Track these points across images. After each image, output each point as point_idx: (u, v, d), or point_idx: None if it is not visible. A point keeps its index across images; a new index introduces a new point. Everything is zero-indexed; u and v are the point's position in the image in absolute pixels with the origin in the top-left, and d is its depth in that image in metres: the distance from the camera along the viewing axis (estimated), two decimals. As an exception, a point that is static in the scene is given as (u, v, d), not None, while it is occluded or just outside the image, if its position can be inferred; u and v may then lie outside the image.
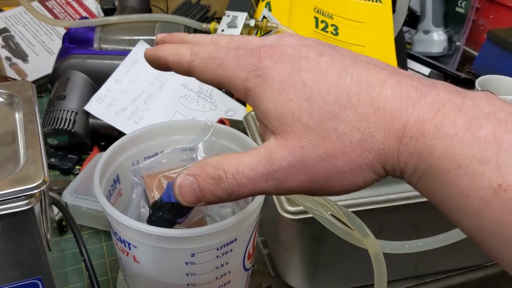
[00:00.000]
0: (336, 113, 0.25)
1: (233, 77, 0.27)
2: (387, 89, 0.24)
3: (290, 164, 0.25)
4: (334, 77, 0.25)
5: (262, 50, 0.27)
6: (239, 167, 0.26)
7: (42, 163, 0.37)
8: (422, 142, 0.23)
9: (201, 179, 0.27)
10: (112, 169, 0.48)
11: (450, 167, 0.22)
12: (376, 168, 0.25)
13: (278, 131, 0.26)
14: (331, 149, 0.25)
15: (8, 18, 0.94)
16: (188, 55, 0.29)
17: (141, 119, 0.70)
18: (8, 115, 0.43)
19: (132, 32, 0.78)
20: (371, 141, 0.24)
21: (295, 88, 0.25)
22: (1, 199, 0.34)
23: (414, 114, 0.23)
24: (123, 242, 0.42)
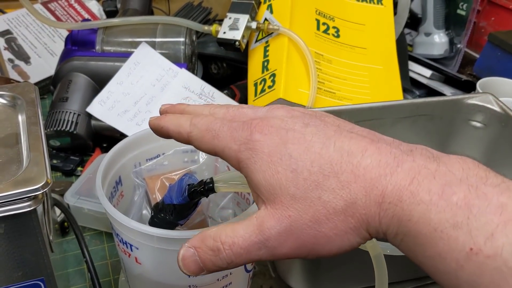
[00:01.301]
0: (320, 182, 0.26)
1: (227, 149, 0.30)
2: (367, 157, 0.26)
3: (278, 232, 0.27)
4: (318, 147, 0.27)
5: (253, 123, 0.29)
6: (234, 238, 0.28)
7: (45, 165, 0.37)
8: (400, 207, 0.25)
9: (201, 251, 0.29)
10: (114, 171, 0.49)
11: (426, 231, 0.24)
12: (360, 232, 0.26)
13: (268, 201, 0.28)
14: (316, 216, 0.26)
15: (11, 20, 0.94)
16: (187, 126, 0.32)
17: (143, 121, 0.70)
18: (11, 117, 0.43)
19: (134, 34, 0.78)
20: (353, 207, 0.26)
21: (282, 160, 0.27)
22: (4, 201, 0.34)
23: (392, 181, 0.25)
24: (125, 244, 0.42)
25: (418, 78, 0.93)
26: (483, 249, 0.22)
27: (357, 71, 0.75)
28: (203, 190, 0.40)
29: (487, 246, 0.22)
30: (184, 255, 0.29)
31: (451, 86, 0.92)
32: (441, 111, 0.62)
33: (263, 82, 0.72)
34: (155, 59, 0.75)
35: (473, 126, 0.63)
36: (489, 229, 0.22)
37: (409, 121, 0.62)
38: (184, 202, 0.41)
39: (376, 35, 0.79)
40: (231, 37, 0.71)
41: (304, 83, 0.69)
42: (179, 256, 0.29)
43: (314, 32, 0.75)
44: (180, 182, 0.42)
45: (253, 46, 0.77)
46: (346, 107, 0.61)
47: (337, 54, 0.75)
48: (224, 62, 0.88)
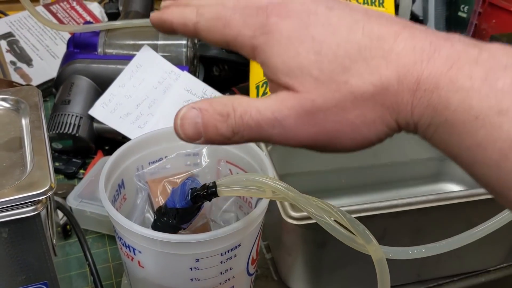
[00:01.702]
0: (347, 66, 0.24)
1: (240, 36, 0.27)
2: (400, 42, 0.24)
3: (298, 114, 0.25)
4: (344, 32, 0.25)
5: (269, 7, 0.26)
6: (247, 108, 0.26)
7: (48, 169, 0.37)
8: (437, 95, 0.23)
9: (207, 113, 0.26)
10: (117, 174, 0.49)
11: (466, 119, 0.22)
12: (389, 122, 0.25)
13: (288, 85, 0.25)
14: (342, 102, 0.24)
15: (13, 22, 0.94)
16: (193, 16, 0.29)
17: (145, 123, 0.70)
18: (15, 121, 0.43)
19: (136, 37, 0.78)
20: (384, 94, 0.24)
21: (303, 43, 0.25)
22: (8, 205, 0.34)
23: (429, 67, 0.23)
24: (128, 247, 0.42)
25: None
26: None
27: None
28: (206, 194, 0.40)
29: None
30: (185, 114, 0.26)
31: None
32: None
33: (265, 85, 0.72)
34: (157, 62, 0.75)
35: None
36: None
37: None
38: (187, 206, 0.41)
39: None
40: (233, 40, 0.71)
41: (305, 86, 0.69)
42: (178, 114, 0.27)
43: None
44: (183, 186, 0.42)
45: (254, 48, 0.77)
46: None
47: (339, 56, 0.75)
48: (226, 64, 0.89)
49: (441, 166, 0.67)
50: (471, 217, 0.46)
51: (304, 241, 0.48)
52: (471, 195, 0.47)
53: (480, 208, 0.48)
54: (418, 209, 0.46)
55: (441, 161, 0.67)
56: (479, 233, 0.42)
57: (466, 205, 0.47)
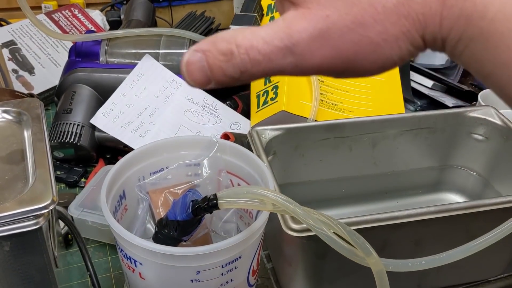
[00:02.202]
0: None
1: None
2: None
3: (311, 36, 0.22)
4: None
5: None
6: (253, 41, 0.23)
7: (50, 182, 0.37)
8: (472, 1, 0.20)
9: (211, 55, 0.23)
10: (119, 185, 0.49)
11: (505, 29, 0.19)
12: (414, 38, 0.22)
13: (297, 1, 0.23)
14: (361, 17, 0.21)
15: (15, 30, 0.95)
16: None
17: (146, 132, 0.71)
18: (17, 133, 0.44)
19: (138, 46, 0.79)
20: (408, 5, 0.21)
21: None
22: (10, 220, 0.35)
23: None
24: (129, 259, 0.43)
25: (419, 88, 0.93)
26: None
27: (359, 83, 0.75)
28: (207, 206, 0.40)
29: None
30: (189, 59, 0.24)
31: (453, 96, 0.92)
32: (443, 124, 0.63)
33: (265, 94, 0.72)
34: (159, 71, 0.75)
35: (475, 139, 0.63)
36: None
37: (412, 134, 0.62)
38: (188, 218, 0.41)
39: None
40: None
41: (306, 95, 0.70)
42: (183, 61, 0.25)
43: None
44: (184, 198, 0.42)
45: (255, 57, 0.77)
46: (349, 120, 0.61)
47: (339, 65, 0.75)
48: (227, 73, 0.89)
49: (442, 176, 0.67)
50: (472, 229, 0.46)
51: (304, 252, 0.48)
52: (471, 207, 0.47)
53: (480, 219, 0.48)
54: (418, 221, 0.46)
55: (442, 170, 0.67)
56: (479, 245, 0.42)
57: (466, 216, 0.47)
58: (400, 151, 0.63)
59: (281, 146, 0.59)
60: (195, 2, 1.18)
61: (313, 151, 0.61)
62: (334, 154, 0.61)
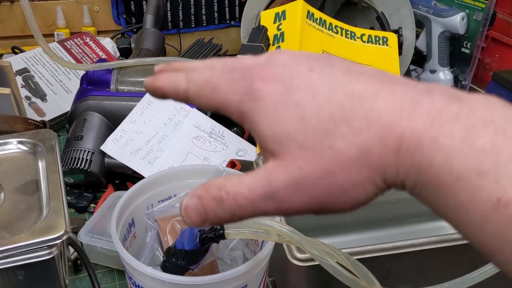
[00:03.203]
0: (331, 129, 0.24)
1: (228, 102, 0.27)
2: (380, 100, 0.24)
3: (288, 185, 0.25)
4: (325, 93, 0.25)
5: (254, 72, 0.27)
6: (239, 188, 0.26)
7: (64, 213, 0.39)
8: (420, 154, 0.22)
9: (204, 199, 0.27)
10: (128, 213, 0.50)
11: (449, 180, 0.22)
12: (377, 182, 0.24)
13: (276, 152, 0.26)
14: (329, 167, 0.24)
15: (29, 58, 0.98)
16: (184, 83, 0.29)
17: (155, 159, 0.72)
18: (31, 164, 0.45)
19: (147, 74, 0.81)
20: (368, 156, 0.24)
21: (287, 109, 0.25)
22: (24, 250, 0.36)
23: (410, 125, 0.23)
24: (138, 287, 0.44)
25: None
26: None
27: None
28: (214, 236, 0.41)
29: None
30: (187, 204, 0.27)
31: (457, 123, 0.93)
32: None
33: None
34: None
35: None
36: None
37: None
38: (195, 248, 0.42)
39: (382, 75, 0.81)
40: (240, 78, 0.73)
41: (311, 123, 0.71)
42: (181, 205, 0.28)
43: (321, 72, 0.77)
44: (192, 228, 0.43)
45: (262, 86, 0.79)
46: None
47: (344, 94, 0.77)
48: (234, 99, 0.91)
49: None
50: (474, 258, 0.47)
51: (309, 281, 0.49)
52: (473, 237, 0.48)
53: (482, 249, 0.49)
54: (421, 250, 0.47)
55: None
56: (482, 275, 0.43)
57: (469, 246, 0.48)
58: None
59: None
60: (203, 29, 1.21)
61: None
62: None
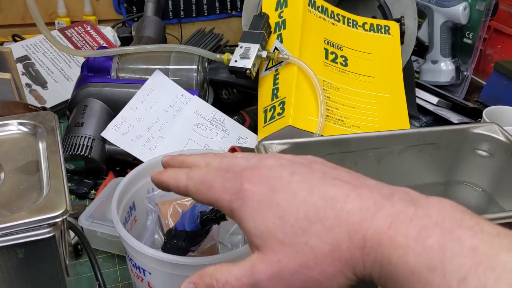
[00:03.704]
0: (306, 228, 0.28)
1: (220, 200, 0.31)
2: (349, 202, 0.28)
3: (268, 276, 0.28)
4: (303, 195, 0.29)
5: (243, 174, 0.31)
6: (227, 277, 0.30)
7: (64, 192, 0.38)
8: (381, 251, 0.26)
9: (199, 286, 0.31)
10: (129, 196, 0.50)
11: (404, 274, 0.25)
12: (348, 275, 0.27)
13: (259, 246, 0.29)
14: (305, 261, 0.28)
15: (29, 46, 0.97)
16: (184, 180, 0.34)
17: (156, 146, 0.72)
18: (32, 145, 0.45)
19: (148, 61, 0.81)
20: (339, 251, 0.27)
21: (270, 208, 0.29)
22: (25, 228, 0.36)
23: (372, 225, 0.26)
24: (138, 269, 0.44)
25: (425, 105, 0.94)
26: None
27: (365, 99, 0.77)
28: (215, 217, 0.41)
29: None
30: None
31: (458, 113, 0.93)
32: (448, 140, 0.63)
33: (272, 109, 0.73)
34: (168, 86, 0.77)
35: (479, 155, 0.64)
36: (462, 272, 0.23)
37: (416, 150, 0.63)
38: (196, 229, 0.42)
39: (384, 64, 0.81)
40: (242, 65, 0.73)
41: (312, 111, 0.71)
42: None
43: (322, 61, 0.77)
44: (193, 209, 0.43)
45: (263, 74, 0.79)
46: (354, 135, 0.62)
47: (345, 82, 0.77)
48: (235, 88, 0.91)
49: (446, 191, 0.68)
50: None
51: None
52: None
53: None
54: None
55: (446, 186, 0.67)
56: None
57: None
58: (405, 167, 0.64)
59: (287, 160, 0.60)
60: (204, 19, 1.20)
61: (319, 165, 0.61)
62: (340, 168, 0.62)
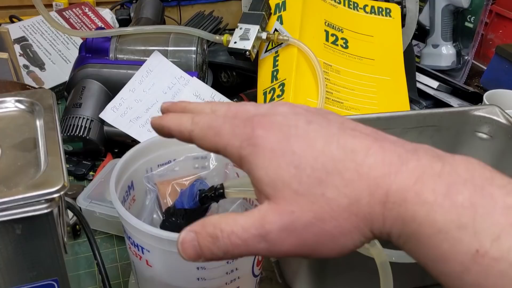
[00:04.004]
0: (323, 179, 0.26)
1: (229, 146, 0.29)
2: (370, 155, 0.26)
3: (280, 228, 0.27)
4: (321, 145, 0.27)
5: (255, 119, 0.29)
6: (233, 227, 0.27)
7: (62, 168, 0.38)
8: (404, 208, 0.24)
9: (201, 236, 0.28)
10: (127, 175, 0.50)
11: (431, 232, 0.24)
12: (364, 231, 0.26)
13: (270, 196, 0.27)
14: (320, 214, 0.26)
15: (27, 27, 0.96)
16: (189, 125, 0.31)
17: (154, 127, 0.72)
18: (29, 122, 0.45)
19: (147, 42, 0.80)
20: (357, 206, 0.26)
21: (284, 156, 0.27)
22: (22, 203, 0.35)
23: (396, 180, 0.25)
24: (137, 246, 0.43)
25: (425, 89, 0.94)
26: (489, 251, 0.22)
27: (365, 82, 0.76)
28: (214, 195, 0.41)
29: (494, 248, 0.22)
30: (184, 238, 0.29)
31: (458, 98, 0.93)
32: (448, 122, 0.63)
33: (272, 91, 0.73)
34: (167, 67, 0.77)
35: (480, 137, 0.64)
36: (496, 230, 0.22)
37: (416, 132, 0.63)
38: (195, 207, 0.42)
39: (384, 46, 0.81)
40: (241, 47, 0.72)
41: (312, 93, 0.71)
42: (179, 239, 0.29)
43: (323, 43, 0.76)
44: (192, 187, 0.43)
45: (263, 56, 0.78)
46: (355, 116, 0.62)
47: (346, 65, 0.76)
48: (234, 71, 0.90)
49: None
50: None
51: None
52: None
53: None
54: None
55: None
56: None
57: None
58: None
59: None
60: (204, 2, 1.19)
61: (319, 147, 0.61)
62: (339, 150, 0.62)
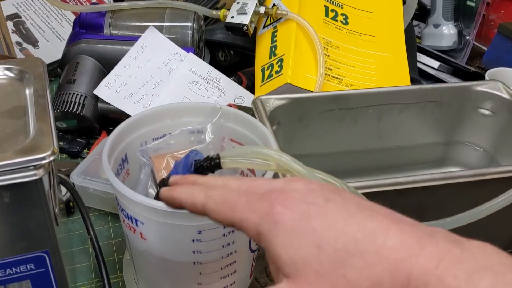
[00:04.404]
0: (345, 260, 0.26)
1: (245, 221, 0.29)
2: (390, 238, 0.26)
3: None
4: (341, 224, 0.27)
5: (273, 195, 0.29)
6: None
7: (51, 134, 0.37)
8: None
9: None
10: (121, 148, 0.49)
11: None
12: None
13: (290, 275, 0.27)
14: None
15: (19, 3, 0.94)
16: (202, 197, 0.32)
17: (149, 104, 0.70)
18: (19, 90, 0.43)
19: (142, 18, 0.78)
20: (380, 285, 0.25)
21: (306, 235, 0.27)
22: (10, 169, 0.34)
23: (417, 264, 0.25)
24: (131, 219, 0.42)
25: (426, 69, 0.92)
26: None
27: (365, 58, 0.75)
28: (210, 165, 0.39)
29: None
30: None
31: (459, 78, 0.91)
32: (450, 98, 0.62)
33: (270, 67, 0.71)
34: (163, 43, 0.75)
35: (482, 113, 0.62)
36: None
37: (417, 107, 0.62)
38: (190, 177, 0.41)
39: (385, 23, 0.79)
40: (239, 21, 0.71)
41: (311, 69, 0.69)
42: None
43: (322, 18, 0.74)
44: (187, 158, 0.41)
45: (261, 31, 0.77)
46: (354, 91, 0.61)
47: (345, 41, 0.75)
48: (231, 50, 0.88)
49: (446, 151, 0.66)
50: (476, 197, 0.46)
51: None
52: (476, 175, 0.46)
53: (485, 188, 0.47)
54: (423, 188, 0.46)
55: (446, 146, 0.66)
56: (485, 211, 0.42)
57: (471, 185, 0.47)
58: (405, 125, 0.63)
59: (285, 116, 0.58)
60: (201, -20, 1.17)
61: (318, 122, 0.60)
62: (339, 126, 0.61)
